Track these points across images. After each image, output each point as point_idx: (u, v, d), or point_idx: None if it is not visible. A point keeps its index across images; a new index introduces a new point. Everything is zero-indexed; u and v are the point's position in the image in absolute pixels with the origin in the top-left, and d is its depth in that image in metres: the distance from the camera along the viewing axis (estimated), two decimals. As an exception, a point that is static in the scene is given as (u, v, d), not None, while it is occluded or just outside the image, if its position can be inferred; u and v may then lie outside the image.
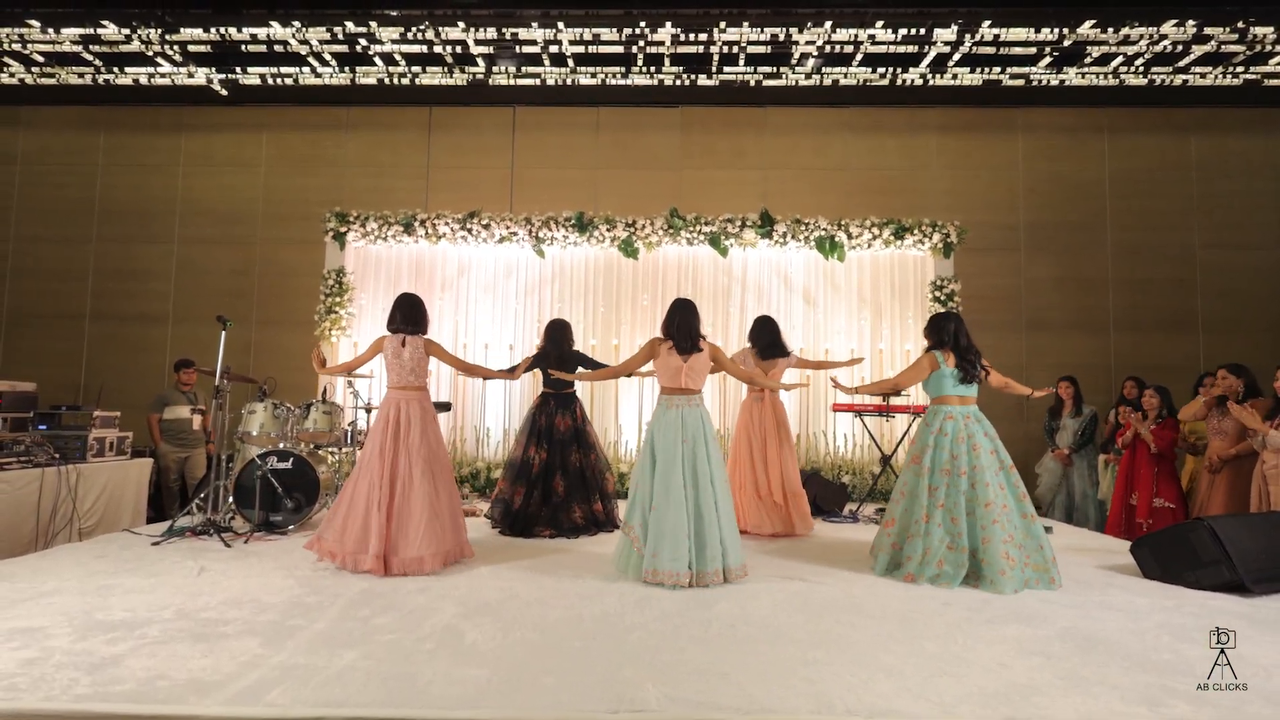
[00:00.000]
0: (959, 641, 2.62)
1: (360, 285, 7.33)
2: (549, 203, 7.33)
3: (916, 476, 3.63)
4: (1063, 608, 3.10)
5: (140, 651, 2.38)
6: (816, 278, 7.27)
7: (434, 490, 3.62)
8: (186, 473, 5.97)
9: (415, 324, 3.86)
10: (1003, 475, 3.55)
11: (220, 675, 2.19)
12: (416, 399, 3.76)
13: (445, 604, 3.02)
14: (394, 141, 7.67)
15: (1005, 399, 7.16)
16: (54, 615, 2.76)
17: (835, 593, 3.30)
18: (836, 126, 7.59)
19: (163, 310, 7.54)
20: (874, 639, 2.64)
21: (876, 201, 7.37)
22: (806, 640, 2.62)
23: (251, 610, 2.88)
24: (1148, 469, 5.09)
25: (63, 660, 2.29)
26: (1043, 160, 7.54)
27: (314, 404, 5.12)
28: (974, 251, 7.23)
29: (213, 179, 7.67)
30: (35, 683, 2.11)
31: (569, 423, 4.82)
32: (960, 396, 3.71)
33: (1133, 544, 3.85)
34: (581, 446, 4.81)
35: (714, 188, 7.48)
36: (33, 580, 3.29)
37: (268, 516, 4.61)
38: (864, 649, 2.52)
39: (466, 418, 7.21)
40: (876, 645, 2.57)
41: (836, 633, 2.71)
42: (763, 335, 4.93)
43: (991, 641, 2.63)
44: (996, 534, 3.39)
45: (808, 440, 7.03)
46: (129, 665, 2.26)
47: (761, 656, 2.44)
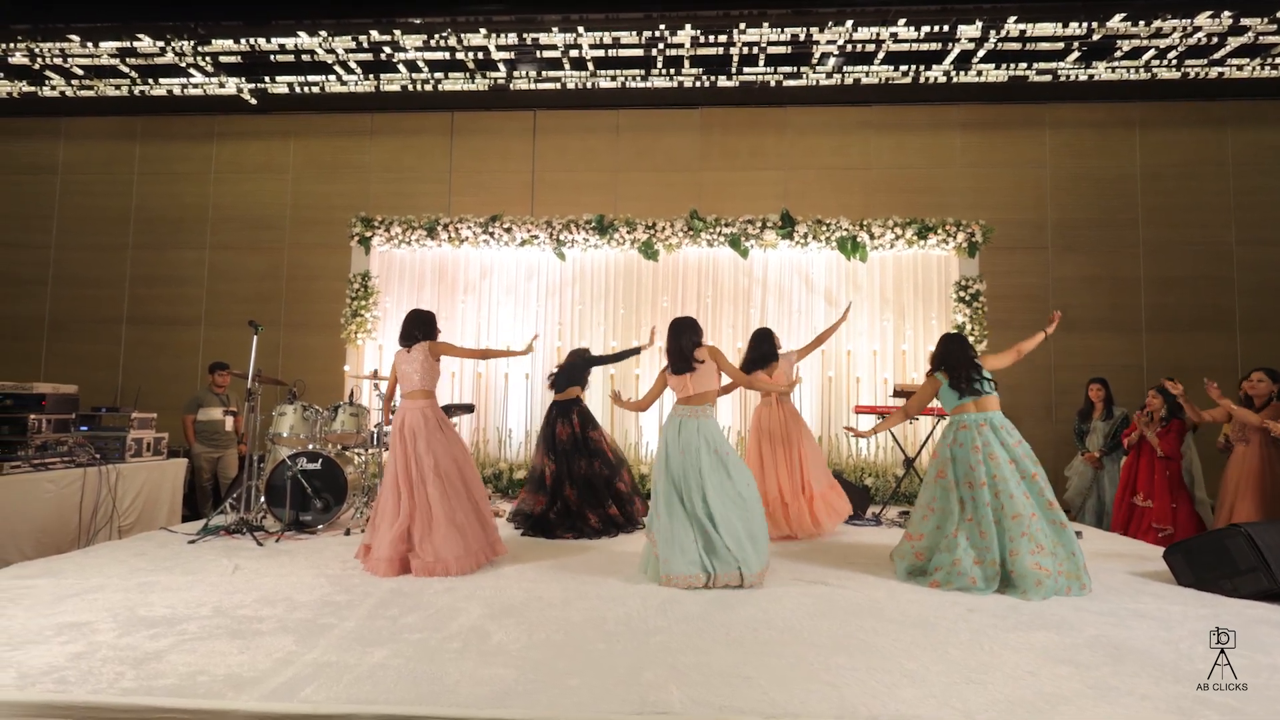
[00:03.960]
0: (984, 648, 2.61)
1: (385, 289, 7.45)
2: (569, 206, 7.38)
3: (945, 491, 3.63)
4: (1092, 615, 3.05)
5: (181, 647, 2.47)
6: (838, 279, 7.24)
7: (444, 494, 3.66)
8: (219, 472, 6.13)
9: (409, 336, 3.96)
10: (1025, 485, 3.52)
11: (257, 671, 2.26)
12: (419, 407, 3.83)
13: (471, 604, 3.07)
14: (417, 147, 7.79)
15: (1033, 398, 7.10)
16: (99, 611, 2.88)
17: (858, 597, 3.30)
18: (858, 125, 7.54)
19: (195, 314, 7.75)
20: (897, 644, 2.63)
21: (899, 201, 7.31)
22: (829, 644, 2.62)
23: (285, 608, 2.97)
24: (1161, 475, 5.09)
25: (109, 655, 2.39)
26: (1071, 156, 7.41)
27: (341, 406, 5.22)
28: (1000, 251, 7.14)
29: (242, 185, 7.86)
30: (84, 676, 2.21)
31: (569, 430, 4.92)
32: (975, 403, 3.68)
33: (1166, 550, 3.78)
34: (585, 454, 4.88)
35: (734, 189, 7.47)
36: (79, 576, 3.43)
37: (298, 516, 4.73)
38: (887, 654, 2.52)
39: (489, 418, 7.30)
40: (900, 651, 2.56)
41: (859, 637, 2.71)
42: (753, 349, 4.95)
43: (1018, 648, 2.61)
44: (1024, 546, 3.37)
45: (829, 442, 7.00)
46: (170, 660, 2.35)
47: (784, 660, 2.45)
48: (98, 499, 4.53)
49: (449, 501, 3.67)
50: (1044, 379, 7.16)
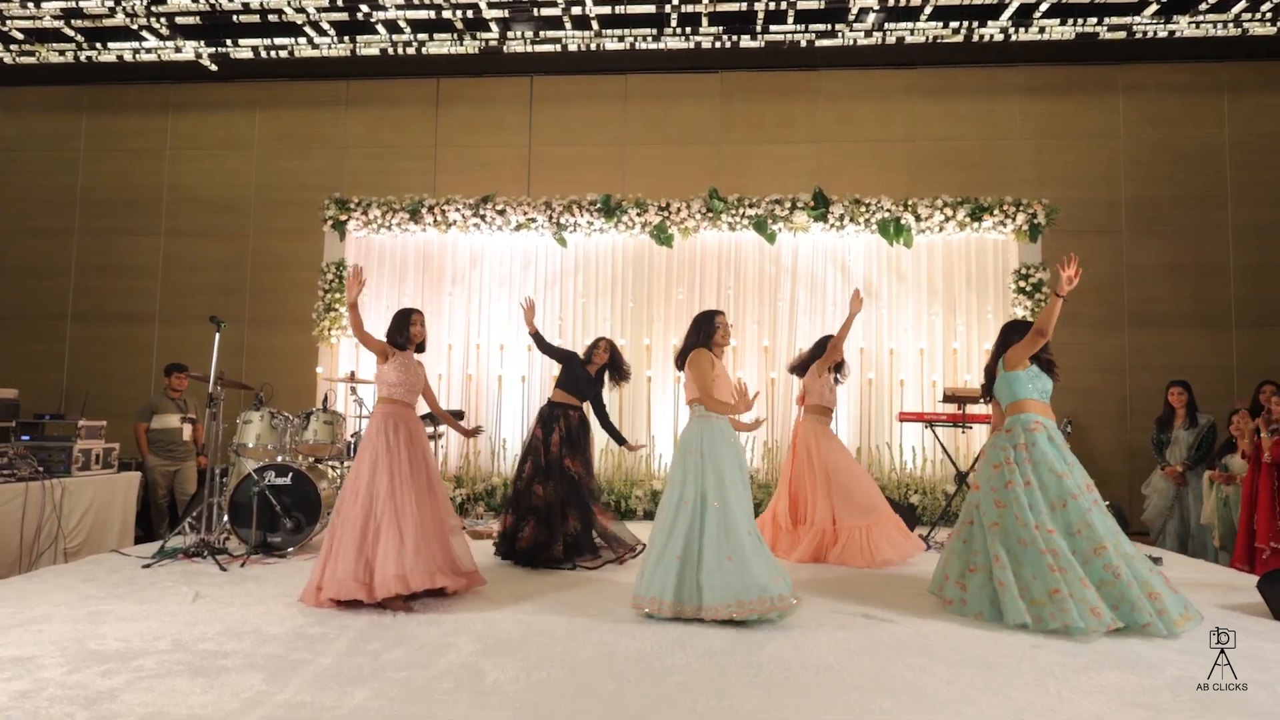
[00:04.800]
0: (1051, 691, 2.60)
1: (362, 279, 7.50)
2: (571, 184, 7.40)
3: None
4: (1173, 653, 3.03)
5: (137, 685, 2.50)
6: (879, 267, 7.22)
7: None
8: (176, 488, 6.20)
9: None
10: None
11: (222, 713, 2.29)
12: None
13: (461, 639, 3.09)
14: (398, 118, 7.84)
15: (1104, 404, 7.04)
16: (45, 644, 2.92)
17: (904, 632, 3.28)
18: (902, 91, 7.51)
19: (149, 309, 7.84)
20: (951, 687, 2.62)
21: (949, 177, 7.28)
22: (872, 686, 2.62)
23: (252, 642, 3.00)
24: (1267, 487, 4.94)
25: (57, 693, 2.43)
26: (1148, 126, 7.35)
27: (314, 413, 5.27)
28: (1065, 234, 7.08)
29: (202, 163, 7.94)
30: (30, 717, 2.24)
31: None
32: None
33: (1260, 579, 3.74)
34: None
35: (759, 164, 7.46)
36: (20, 605, 3.47)
37: (265, 537, 4.77)
38: (940, 698, 2.51)
39: (480, 428, 7.32)
40: (955, 694, 2.55)
41: (907, 679, 2.70)
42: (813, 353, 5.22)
43: (1089, 692, 2.60)
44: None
45: (869, 454, 6.98)
46: (126, 700, 2.38)
47: (820, 705, 2.45)
48: (41, 517, 4.59)
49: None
50: (1116, 382, 7.11)
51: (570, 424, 4.90)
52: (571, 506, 4.68)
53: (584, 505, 4.73)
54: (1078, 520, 3.42)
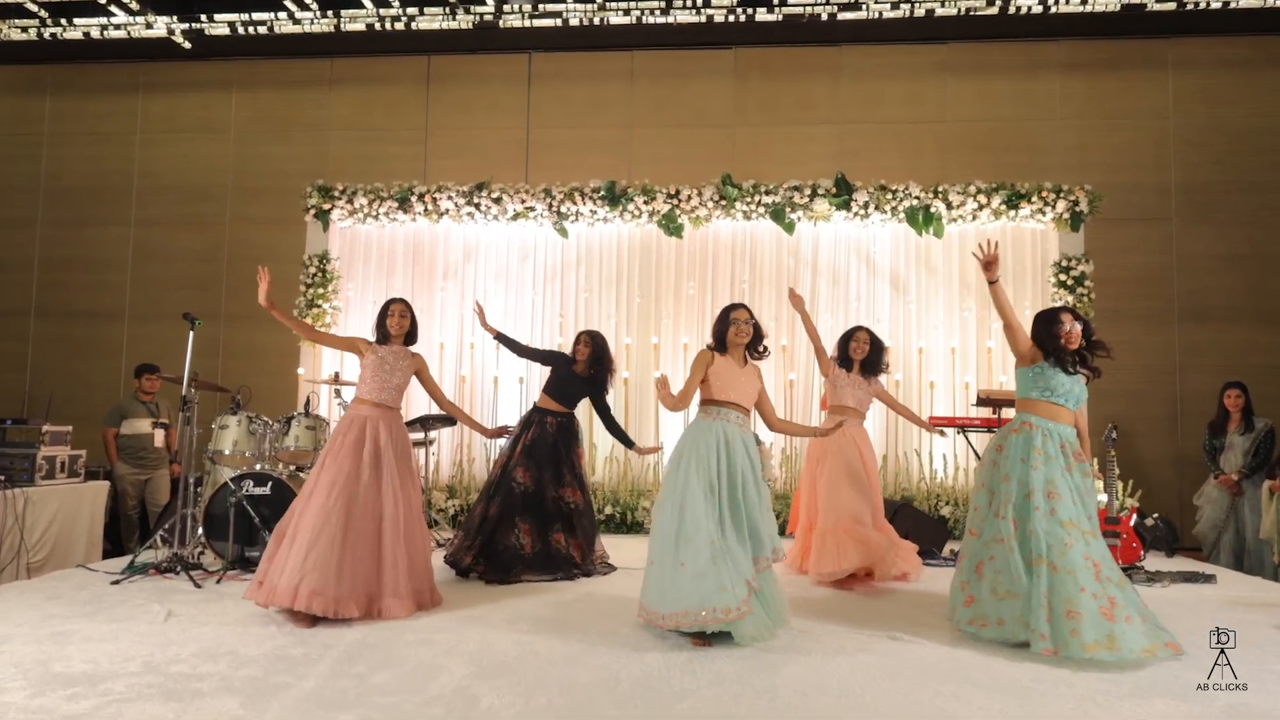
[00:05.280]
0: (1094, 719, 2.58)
1: (347, 273, 7.53)
2: (573, 170, 7.40)
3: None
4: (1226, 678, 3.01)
5: (104, 710, 2.52)
6: (907, 259, 7.21)
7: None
8: (147, 498, 6.23)
9: (413, 333, 4.22)
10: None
11: (196, 741, 2.30)
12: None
13: (453, 661, 3.10)
14: (386, 99, 7.86)
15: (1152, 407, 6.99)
16: (6, 666, 2.94)
17: (935, 654, 3.28)
18: (931, 68, 7.49)
19: (118, 305, 7.88)
20: (985, 714, 2.62)
21: (983, 161, 7.25)
22: (898, 714, 2.61)
23: (229, 664, 3.01)
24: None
25: (19, 719, 2.44)
26: (1201, 104, 7.31)
27: (295, 418, 5.28)
28: (1110, 223, 7.05)
29: (175, 148, 7.98)
30: (-10, 744, 2.26)
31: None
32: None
33: (1322, 598, 3.71)
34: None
35: (777, 148, 7.46)
36: (-20, 624, 3.50)
37: (243, 552, 4.78)
38: (971, 726, 2.51)
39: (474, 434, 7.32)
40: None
41: (936, 705, 2.69)
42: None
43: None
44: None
45: (897, 463, 6.97)
46: (93, 726, 2.39)
47: (842, 733, 2.44)
48: (2, 530, 4.62)
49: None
50: (1166, 383, 7.07)
51: (544, 431, 4.94)
52: (520, 518, 4.79)
53: (540, 517, 4.81)
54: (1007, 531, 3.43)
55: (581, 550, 4.92)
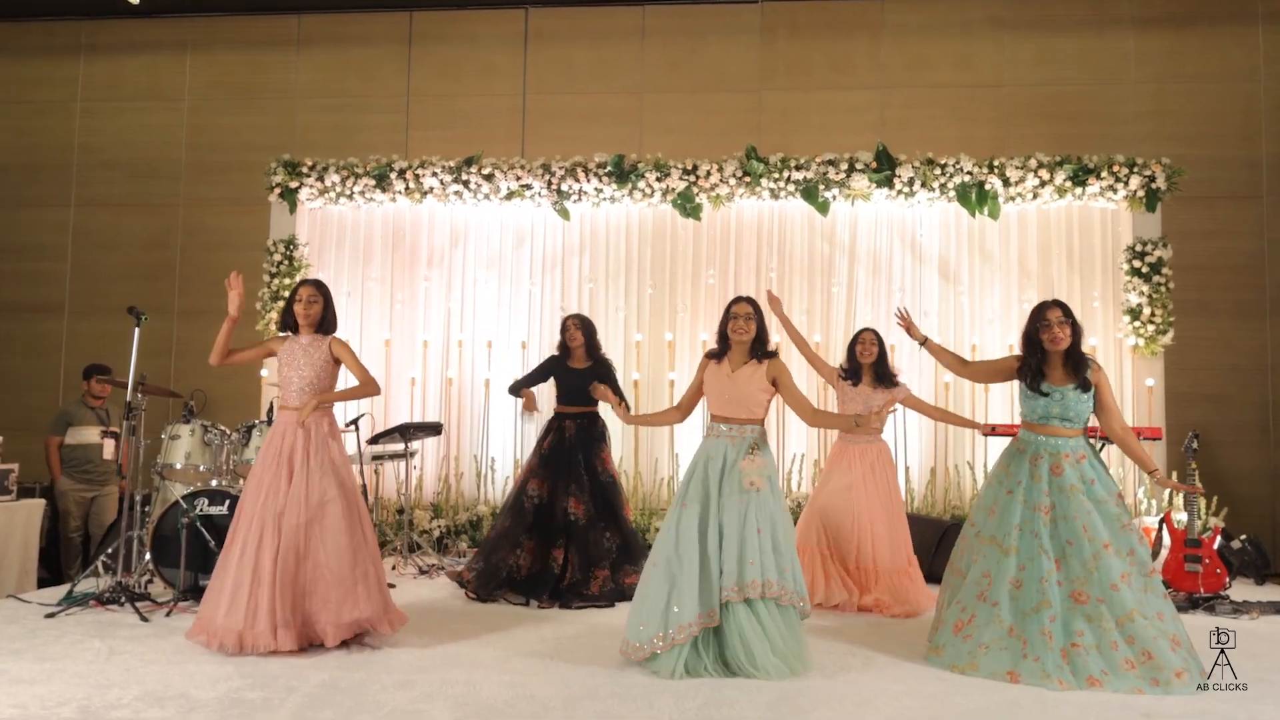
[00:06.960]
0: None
1: (317, 260, 7.50)
2: (576, 143, 7.36)
3: None
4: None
5: (32, 766, 2.46)
6: (958, 243, 7.17)
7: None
8: (92, 518, 6.17)
9: (325, 321, 4.25)
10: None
11: (138, 802, 2.24)
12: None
13: (435, 707, 3.07)
14: (362, 62, 7.82)
15: (1240, 413, 6.90)
16: (-79, 712, 2.89)
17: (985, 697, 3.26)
18: (985, 24, 7.42)
19: (57, 297, 7.86)
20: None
21: (1045, 132, 7.20)
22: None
23: (177, 709, 2.96)
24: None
25: (-68, 775, 2.39)
26: (1297, 65, 7.23)
27: (256, 426, 5.25)
28: (1191, 201, 6.98)
29: (121, 118, 7.96)
30: (-103, 806, 2.20)
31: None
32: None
33: None
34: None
35: (808, 117, 7.41)
36: (-107, 663, 3.46)
37: (196, 580, 4.71)
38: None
39: (462, 443, 7.31)
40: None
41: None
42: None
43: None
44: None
45: (946, 477, 6.92)
46: (18, 785, 2.34)
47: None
48: (-76, 553, 4.59)
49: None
50: (1257, 386, 7.00)
51: (562, 437, 5.10)
52: (526, 536, 4.94)
53: (547, 533, 4.92)
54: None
55: (574, 570, 4.91)
